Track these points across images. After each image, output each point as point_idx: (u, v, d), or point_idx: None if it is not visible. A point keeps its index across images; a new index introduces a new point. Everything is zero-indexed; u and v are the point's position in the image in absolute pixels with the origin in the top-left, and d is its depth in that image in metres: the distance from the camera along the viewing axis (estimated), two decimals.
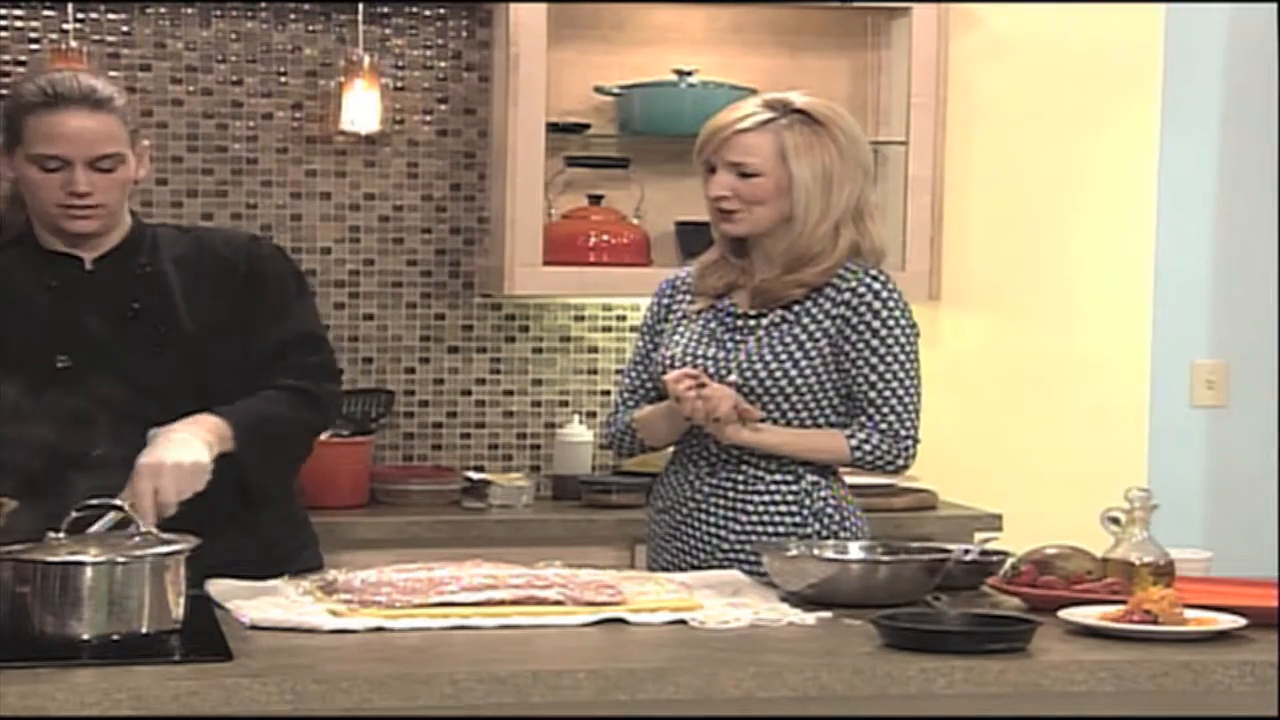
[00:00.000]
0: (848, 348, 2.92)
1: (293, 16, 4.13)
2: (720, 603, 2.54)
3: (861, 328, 2.91)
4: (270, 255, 2.91)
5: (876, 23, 4.26)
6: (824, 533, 2.95)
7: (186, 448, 2.61)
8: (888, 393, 2.93)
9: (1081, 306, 4.20)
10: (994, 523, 3.87)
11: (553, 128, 4.04)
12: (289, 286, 2.89)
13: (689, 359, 2.97)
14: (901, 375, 2.93)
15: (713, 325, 2.99)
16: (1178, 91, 4.10)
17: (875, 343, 2.92)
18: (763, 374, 2.92)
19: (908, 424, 2.95)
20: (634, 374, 3.12)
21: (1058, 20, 4.25)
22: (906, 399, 2.94)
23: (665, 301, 3.11)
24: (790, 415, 2.94)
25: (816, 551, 2.70)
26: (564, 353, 4.28)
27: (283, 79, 4.13)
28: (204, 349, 2.77)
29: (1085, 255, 4.23)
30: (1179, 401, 4.07)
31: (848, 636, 2.37)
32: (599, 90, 4.16)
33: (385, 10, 4.16)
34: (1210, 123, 4.09)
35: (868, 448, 2.93)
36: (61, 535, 2.28)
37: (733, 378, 2.93)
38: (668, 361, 3.00)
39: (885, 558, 2.66)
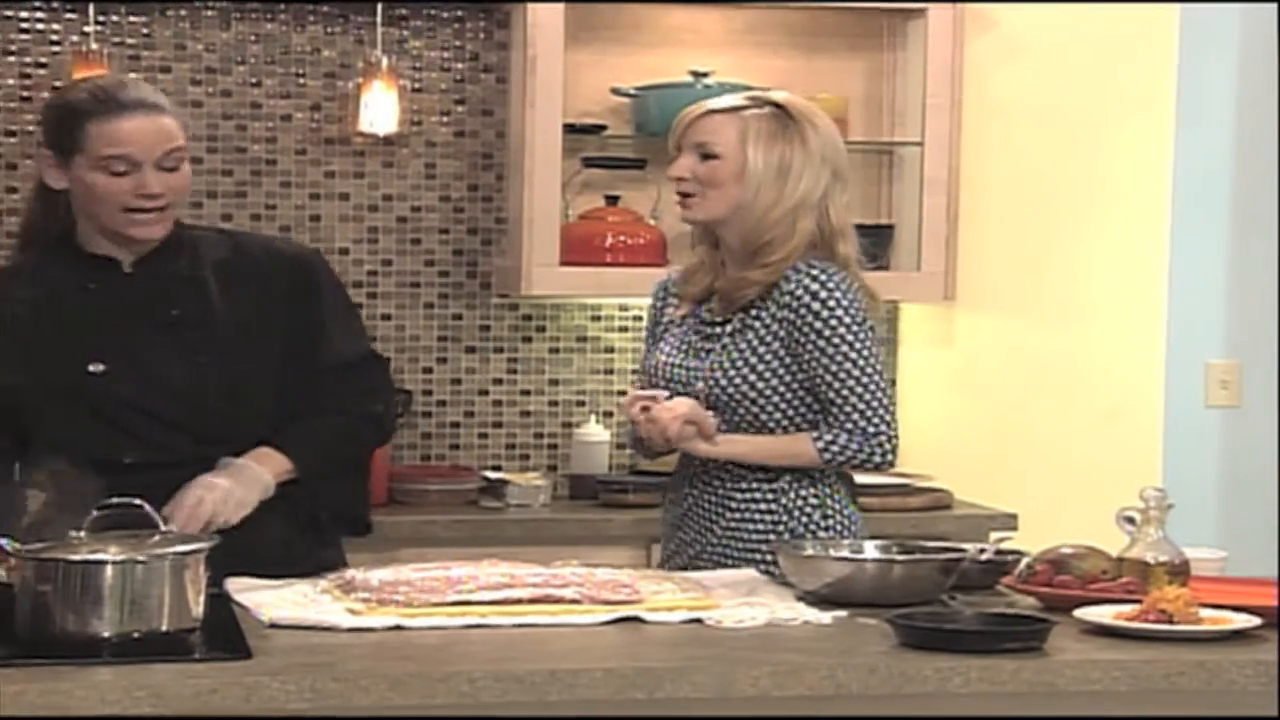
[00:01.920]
0: (802, 348, 2.89)
1: (311, 18, 4.15)
2: (736, 602, 2.54)
3: (806, 328, 2.87)
4: (320, 267, 2.89)
5: (892, 24, 4.26)
6: (801, 530, 2.93)
7: (245, 485, 2.66)
8: (846, 391, 2.87)
9: (1096, 307, 4.19)
10: (1009, 522, 3.87)
11: (570, 129, 4.05)
12: (340, 301, 2.90)
13: (668, 369, 2.99)
14: (857, 372, 2.87)
15: (689, 334, 3.01)
16: (1192, 92, 4.09)
17: (822, 341, 2.87)
18: (724, 382, 2.92)
19: (875, 420, 2.88)
20: (641, 381, 3.14)
21: (1072, 21, 4.24)
22: (868, 395, 2.87)
23: (659, 305, 3.12)
24: (763, 419, 2.92)
25: (832, 551, 2.70)
26: (581, 353, 4.29)
27: (301, 81, 4.15)
28: (242, 357, 2.74)
29: (1100, 256, 4.23)
30: (1194, 401, 4.06)
31: (863, 635, 2.37)
32: (616, 91, 4.17)
33: (403, 12, 4.17)
34: (1225, 123, 4.08)
35: (836, 448, 2.89)
36: (82, 534, 2.29)
37: (699, 386, 2.93)
38: (652, 371, 3.03)
39: (901, 557, 2.66)
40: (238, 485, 2.67)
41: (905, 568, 2.61)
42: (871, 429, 2.88)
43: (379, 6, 4.11)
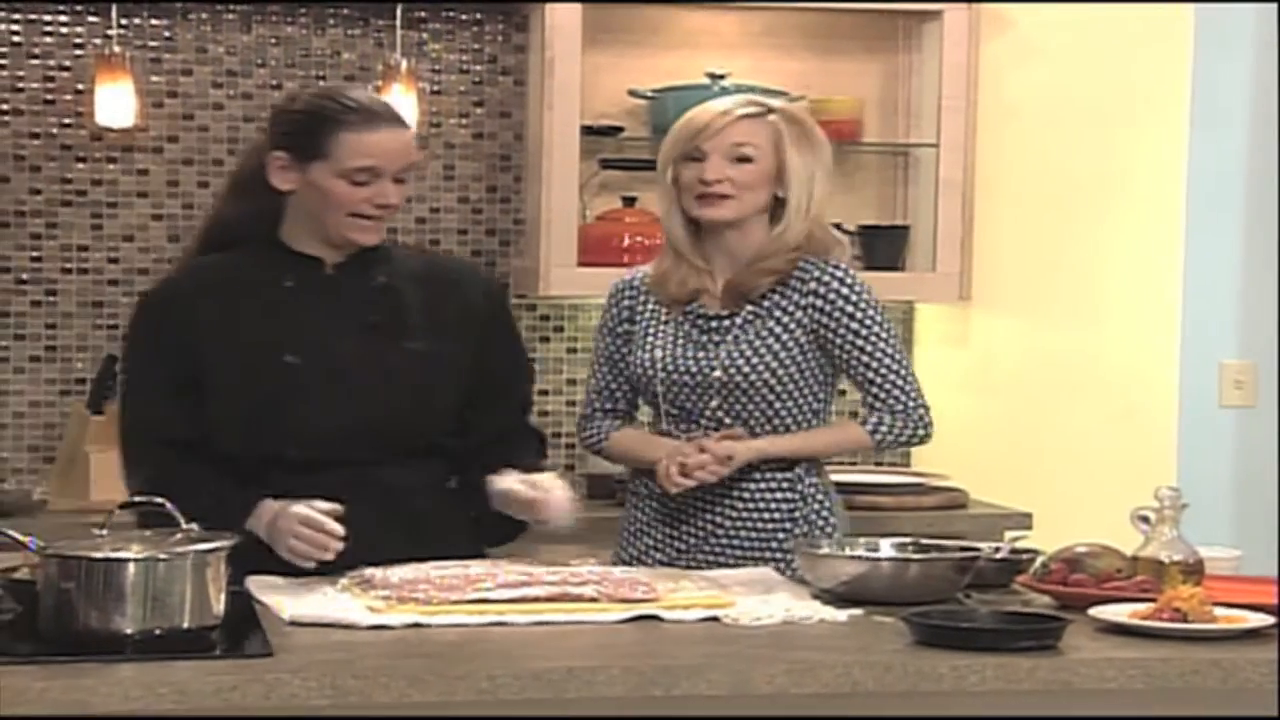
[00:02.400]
0: (831, 337, 3.00)
1: (332, 21, 4.17)
2: (753, 600, 2.56)
3: (841, 317, 3.00)
4: (502, 293, 3.00)
5: (908, 26, 4.27)
6: (814, 517, 3.03)
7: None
8: (885, 372, 3.01)
9: (1111, 307, 4.19)
10: (1024, 521, 3.87)
11: (587, 130, 4.06)
12: (515, 328, 3.00)
13: (671, 361, 3.03)
14: (891, 353, 3.01)
15: (686, 328, 3.05)
16: (1207, 92, 4.09)
17: (857, 327, 3.00)
18: (745, 369, 2.99)
19: (913, 396, 3.04)
20: (601, 376, 3.17)
21: (1087, 23, 4.25)
22: (904, 373, 3.03)
23: (627, 303, 3.14)
24: (776, 407, 3.01)
25: (849, 550, 2.72)
26: None
27: (322, 83, 4.17)
28: (427, 371, 2.79)
29: (1115, 256, 4.23)
30: (1208, 401, 4.06)
31: (879, 633, 2.38)
32: (633, 93, 4.18)
33: (423, 15, 4.19)
34: (1239, 123, 4.07)
35: (884, 429, 3.03)
36: (104, 531, 2.30)
37: (717, 373, 3.00)
38: (647, 365, 3.06)
39: (916, 556, 2.67)
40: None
41: (921, 566, 2.62)
42: (912, 405, 3.03)
43: (398, 9, 4.13)
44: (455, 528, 2.83)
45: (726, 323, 3.03)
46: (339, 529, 2.61)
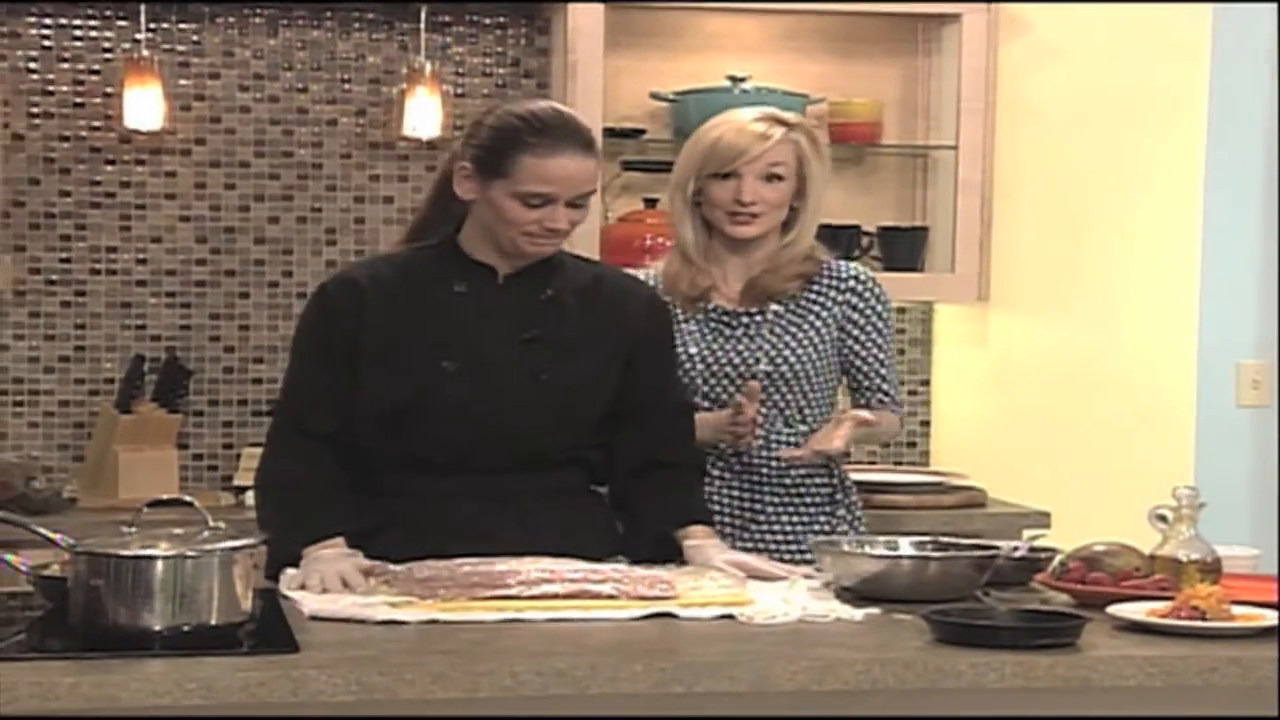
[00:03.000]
0: (856, 333, 3.15)
1: (357, 25, 4.20)
2: (775, 597, 2.56)
3: (869, 313, 3.16)
4: (666, 311, 3.01)
5: (927, 29, 4.28)
6: (849, 502, 3.18)
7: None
8: (885, 371, 3.18)
9: (1129, 307, 4.20)
10: (1042, 520, 3.88)
11: (609, 132, 4.08)
12: (673, 343, 3.02)
13: (711, 356, 3.11)
14: (893, 354, 3.22)
15: (711, 324, 3.14)
16: (1225, 93, 4.09)
17: (881, 326, 3.18)
18: (792, 360, 3.11)
19: (900, 398, 3.25)
20: None
21: (1105, 25, 4.25)
22: (895, 373, 3.23)
23: None
24: (810, 397, 3.14)
25: (868, 548, 2.74)
26: None
27: (347, 86, 4.20)
28: (582, 384, 2.83)
29: (1132, 257, 4.24)
30: (1225, 401, 4.06)
31: (899, 631, 2.39)
32: (655, 96, 4.20)
33: (447, 19, 4.22)
34: (1257, 124, 4.07)
35: (898, 416, 3.24)
36: (133, 529, 2.33)
37: (764, 365, 3.10)
38: (681, 359, 3.09)
39: (936, 555, 2.68)
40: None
41: (940, 565, 2.63)
42: (900, 400, 3.24)
43: (422, 13, 4.16)
44: (589, 537, 2.84)
45: (758, 318, 3.13)
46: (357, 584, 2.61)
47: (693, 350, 3.12)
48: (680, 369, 3.08)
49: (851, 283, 3.16)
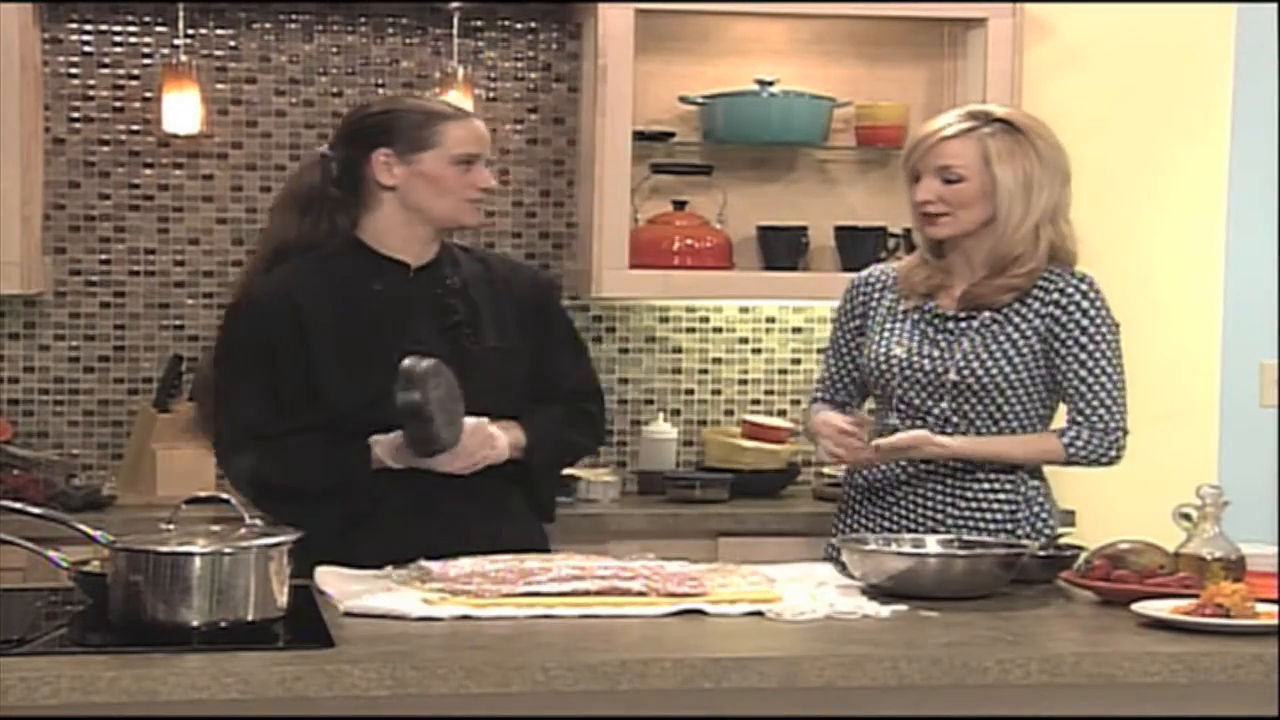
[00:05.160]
0: (1059, 346, 3.03)
1: (391, 30, 4.23)
2: (801, 595, 2.58)
3: (1071, 327, 3.03)
4: (555, 288, 3.16)
5: (953, 33, 4.29)
6: (1033, 519, 3.07)
7: (495, 440, 2.90)
8: (1096, 387, 3.03)
9: (1153, 308, 4.20)
10: (1067, 519, 3.84)
11: (639, 136, 4.10)
12: (568, 320, 3.16)
13: (905, 358, 3.07)
14: (1110, 370, 3.03)
15: (923, 326, 3.09)
16: (1248, 96, 4.09)
17: (1085, 340, 3.02)
18: (979, 372, 3.03)
19: (1117, 416, 3.04)
20: (829, 365, 3.24)
21: (1129, 29, 4.26)
22: (1115, 393, 3.04)
23: (862, 299, 3.20)
24: (1004, 410, 3.05)
25: (895, 546, 2.75)
26: (649, 353, 4.35)
27: (381, 90, 4.22)
28: (502, 367, 2.97)
29: (1157, 258, 4.24)
30: (1249, 401, 4.06)
31: (925, 628, 2.41)
32: (684, 100, 4.22)
33: (479, 24, 4.25)
34: None
35: (1079, 443, 3.04)
36: (171, 526, 2.35)
37: (951, 375, 3.04)
38: (881, 360, 3.10)
39: (962, 552, 2.70)
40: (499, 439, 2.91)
41: (967, 563, 2.66)
42: (1112, 424, 3.04)
43: (455, 18, 4.19)
44: (522, 508, 3.00)
45: (963, 324, 3.07)
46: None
47: (897, 351, 3.09)
48: (878, 366, 3.10)
49: (1056, 294, 3.03)
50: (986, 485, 3.07)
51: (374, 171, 2.92)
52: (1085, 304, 3.03)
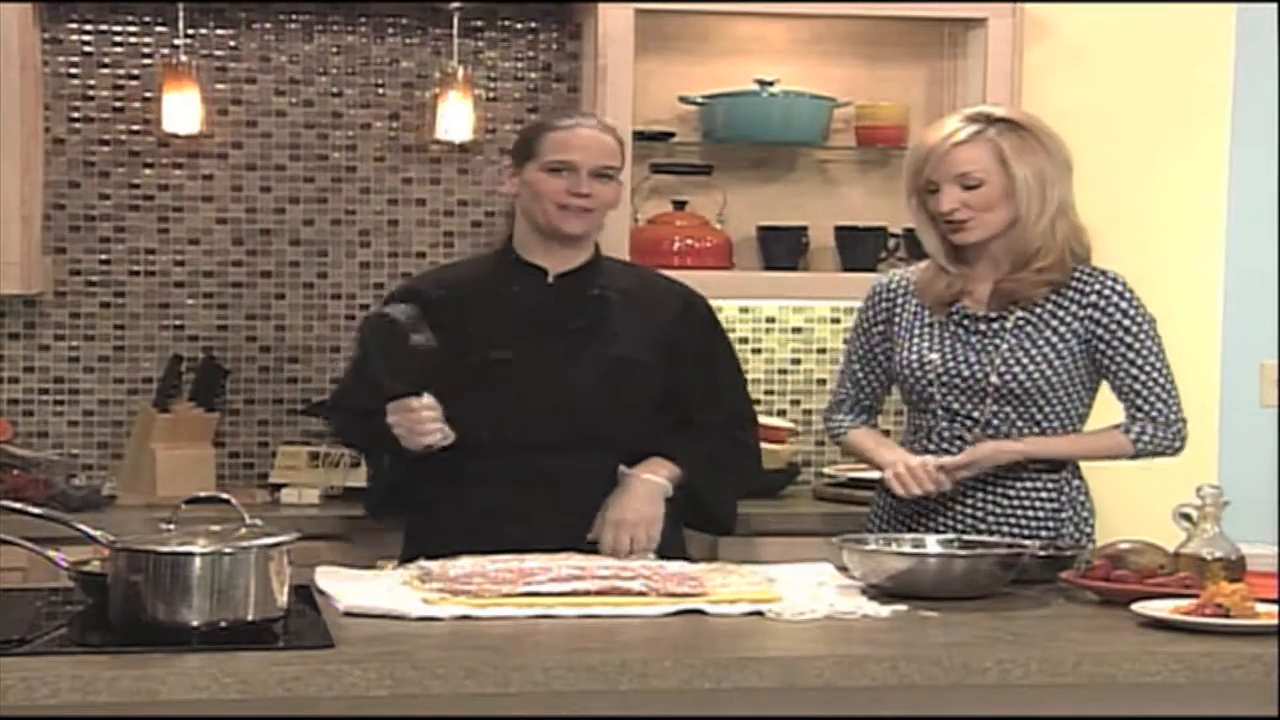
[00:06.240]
0: (1104, 347, 3.05)
1: (391, 30, 4.24)
2: (805, 594, 2.58)
3: (1114, 327, 3.05)
4: (704, 309, 3.21)
5: (953, 33, 4.29)
6: (1076, 518, 3.09)
7: (653, 503, 3.04)
8: (1150, 383, 3.06)
9: (1153, 308, 4.19)
10: None
11: (639, 136, 4.10)
12: (725, 342, 3.24)
13: (941, 363, 3.07)
14: (1159, 364, 3.07)
15: (954, 329, 3.09)
16: (1249, 95, 4.09)
17: (1130, 339, 3.05)
18: (1020, 375, 3.04)
19: (1174, 408, 3.08)
20: (852, 371, 3.24)
21: (1129, 29, 4.26)
22: (1168, 385, 3.07)
23: (885, 304, 3.20)
24: (1045, 410, 3.06)
25: (895, 546, 2.76)
26: None
27: (380, 90, 4.23)
28: (629, 372, 3.09)
29: (1157, 258, 4.23)
30: (1249, 401, 4.06)
31: (925, 628, 2.42)
32: (683, 100, 4.22)
33: (479, 24, 4.25)
34: None
35: (1146, 438, 3.07)
36: (171, 526, 2.35)
37: (994, 379, 3.04)
38: (915, 366, 3.10)
39: (962, 552, 2.70)
40: (646, 506, 3.04)
41: (967, 563, 2.66)
42: (1173, 416, 3.08)
43: (455, 19, 4.19)
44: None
45: (995, 325, 3.07)
46: (427, 403, 2.92)
47: (932, 357, 3.09)
48: (913, 373, 3.10)
49: (1094, 295, 3.05)
50: (1030, 485, 3.08)
51: (506, 185, 3.20)
52: (1124, 304, 3.06)
